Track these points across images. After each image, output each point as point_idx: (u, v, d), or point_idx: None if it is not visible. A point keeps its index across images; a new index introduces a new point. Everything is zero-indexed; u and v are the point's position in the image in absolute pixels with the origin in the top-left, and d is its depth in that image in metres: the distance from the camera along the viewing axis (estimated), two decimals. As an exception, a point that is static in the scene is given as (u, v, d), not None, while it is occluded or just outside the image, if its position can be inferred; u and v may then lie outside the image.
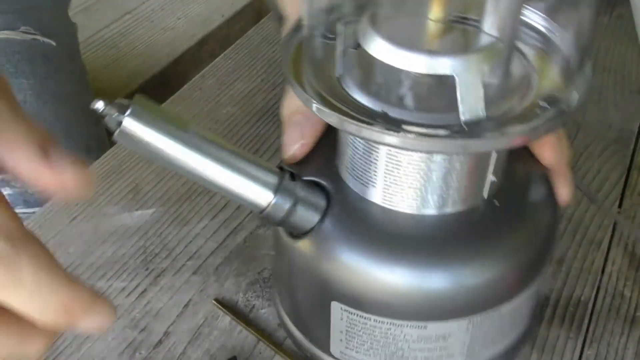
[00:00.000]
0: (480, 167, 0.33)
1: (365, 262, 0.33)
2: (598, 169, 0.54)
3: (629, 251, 0.47)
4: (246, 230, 0.49)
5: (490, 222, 0.34)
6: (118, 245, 0.47)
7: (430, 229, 0.33)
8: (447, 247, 0.33)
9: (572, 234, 0.48)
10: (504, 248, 0.34)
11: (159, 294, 0.44)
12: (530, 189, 0.36)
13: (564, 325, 0.42)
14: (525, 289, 0.35)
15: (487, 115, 0.30)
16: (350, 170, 0.34)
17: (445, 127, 0.29)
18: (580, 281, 0.45)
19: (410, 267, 0.33)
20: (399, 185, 0.33)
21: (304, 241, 0.34)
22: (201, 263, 0.46)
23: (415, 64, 0.30)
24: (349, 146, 0.34)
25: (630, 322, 0.43)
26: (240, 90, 0.62)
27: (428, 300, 0.33)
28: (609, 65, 0.66)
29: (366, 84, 0.32)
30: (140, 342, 0.41)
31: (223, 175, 0.32)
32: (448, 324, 0.34)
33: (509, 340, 0.37)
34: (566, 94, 0.31)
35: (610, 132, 0.57)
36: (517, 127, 0.30)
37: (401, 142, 0.29)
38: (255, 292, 0.44)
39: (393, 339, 0.34)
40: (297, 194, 0.34)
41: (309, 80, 0.33)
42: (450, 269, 0.33)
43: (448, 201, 0.33)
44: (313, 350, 0.38)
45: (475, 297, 0.33)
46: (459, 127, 0.29)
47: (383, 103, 0.31)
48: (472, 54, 0.30)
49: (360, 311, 0.34)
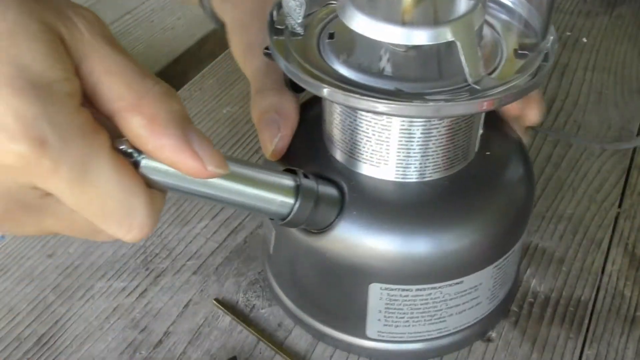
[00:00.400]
0: (477, 122, 0.36)
1: (401, 238, 0.34)
2: (598, 168, 0.54)
3: (629, 251, 0.47)
4: (246, 230, 0.49)
5: (491, 175, 0.37)
6: (118, 245, 0.47)
7: (447, 191, 0.35)
8: (474, 204, 0.36)
9: (572, 233, 0.48)
10: (516, 195, 0.37)
11: (159, 294, 0.44)
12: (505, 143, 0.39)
13: (564, 325, 0.42)
14: (525, 232, 0.39)
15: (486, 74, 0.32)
16: (356, 154, 0.35)
17: (458, 91, 0.31)
18: (580, 281, 0.45)
19: (445, 231, 0.35)
20: (412, 157, 0.34)
21: (329, 235, 0.35)
22: (201, 263, 0.46)
23: (417, 37, 0.31)
24: (347, 130, 0.35)
25: (630, 322, 0.43)
26: (240, 90, 0.62)
27: (465, 257, 0.35)
28: (609, 65, 0.66)
29: (356, 62, 0.33)
30: (141, 342, 0.41)
31: (245, 194, 0.30)
32: (480, 274, 0.37)
33: (512, 280, 0.42)
34: (539, 42, 0.34)
35: (610, 132, 0.57)
36: (519, 78, 0.32)
37: (435, 110, 0.30)
38: (255, 292, 0.44)
39: (433, 302, 0.36)
40: (317, 192, 0.33)
41: (302, 67, 0.33)
42: (479, 224, 0.35)
43: (456, 162, 0.36)
44: (344, 340, 0.39)
45: (498, 244, 0.37)
46: (471, 89, 0.31)
47: (376, 78, 0.32)
48: (466, 18, 0.31)
49: (401, 285, 0.35)
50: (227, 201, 0.30)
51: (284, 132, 0.37)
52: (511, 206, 0.37)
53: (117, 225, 0.25)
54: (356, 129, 0.35)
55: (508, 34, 0.35)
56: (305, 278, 0.39)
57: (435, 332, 0.38)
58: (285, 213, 0.32)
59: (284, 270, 0.41)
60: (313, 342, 0.41)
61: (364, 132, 0.34)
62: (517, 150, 0.39)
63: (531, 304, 0.43)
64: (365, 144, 0.35)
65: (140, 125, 0.24)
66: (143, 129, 0.24)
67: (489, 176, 0.37)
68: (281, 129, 0.37)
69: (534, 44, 0.34)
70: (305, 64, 0.33)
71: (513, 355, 0.41)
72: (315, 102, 0.39)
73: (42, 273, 0.45)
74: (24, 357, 0.41)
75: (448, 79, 0.32)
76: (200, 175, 0.26)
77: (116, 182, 0.24)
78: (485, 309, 0.39)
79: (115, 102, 0.24)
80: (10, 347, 0.41)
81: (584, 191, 0.52)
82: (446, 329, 0.38)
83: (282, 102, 0.38)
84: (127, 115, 0.24)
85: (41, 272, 0.46)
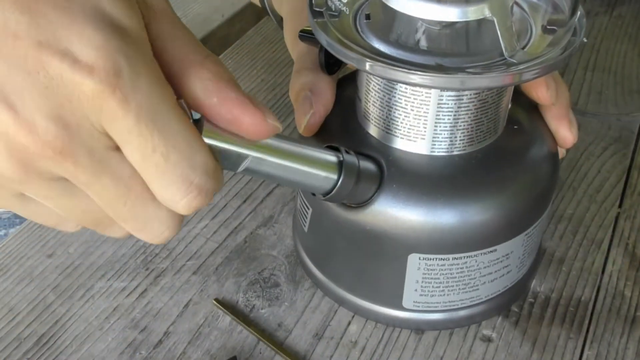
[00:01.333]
0: (508, 96, 0.37)
1: (439, 209, 0.36)
2: (598, 168, 0.54)
3: (629, 251, 0.47)
4: (246, 230, 0.49)
5: (520, 147, 0.39)
6: (118, 245, 0.47)
7: (481, 163, 0.37)
8: (506, 174, 0.37)
9: (572, 234, 0.48)
10: (543, 165, 0.39)
11: (159, 294, 0.44)
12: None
13: (564, 326, 0.42)
14: (551, 200, 0.41)
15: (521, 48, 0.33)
16: (393, 129, 0.37)
17: (495, 65, 0.33)
18: (580, 281, 0.45)
19: (481, 201, 0.36)
20: (448, 130, 0.36)
21: (369, 209, 0.36)
22: (201, 263, 0.46)
23: (456, 14, 0.32)
24: (385, 107, 0.36)
25: (630, 322, 0.43)
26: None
27: (499, 226, 0.37)
28: (609, 65, 0.66)
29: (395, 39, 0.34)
30: (141, 342, 0.41)
31: (291, 169, 0.31)
32: (512, 242, 0.38)
33: (537, 250, 0.44)
34: (567, 18, 0.35)
35: (610, 131, 0.57)
36: (552, 51, 0.33)
37: (490, 81, 0.32)
38: (255, 292, 0.44)
39: (468, 270, 0.38)
40: (358, 167, 0.34)
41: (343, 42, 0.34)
42: (512, 194, 0.37)
43: (488, 135, 0.37)
44: (380, 312, 0.41)
45: (529, 212, 0.39)
46: (507, 62, 0.33)
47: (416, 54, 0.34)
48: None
49: (439, 254, 0.37)
50: (274, 176, 0.31)
51: (317, 109, 0.39)
52: (540, 175, 0.39)
53: (177, 183, 0.25)
54: (394, 105, 0.36)
55: (535, 13, 0.36)
56: (344, 253, 0.40)
57: (468, 301, 0.40)
58: (328, 188, 0.33)
59: (321, 247, 0.43)
60: (313, 342, 0.41)
61: (402, 108, 0.36)
62: (541, 122, 0.41)
63: (531, 304, 0.43)
64: (404, 119, 0.36)
65: (208, 78, 0.25)
66: (210, 81, 0.25)
67: (518, 148, 0.39)
68: (314, 106, 0.39)
69: (563, 19, 0.35)
70: (347, 41, 0.34)
71: (513, 355, 0.41)
72: (347, 83, 0.41)
73: (42, 273, 0.45)
74: (23, 357, 0.41)
75: (482, 54, 0.34)
76: (261, 129, 0.26)
77: (182, 133, 0.25)
78: (514, 277, 0.41)
79: (182, 60, 0.25)
80: (10, 347, 0.41)
81: (584, 191, 0.52)
82: (478, 297, 0.40)
83: (316, 81, 0.40)
84: (195, 70, 0.25)
85: (41, 272, 0.46)
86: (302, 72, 0.41)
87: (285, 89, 0.62)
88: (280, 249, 0.47)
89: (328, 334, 0.42)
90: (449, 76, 0.31)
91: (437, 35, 0.34)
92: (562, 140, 0.40)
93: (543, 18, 0.36)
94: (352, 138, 0.38)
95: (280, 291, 0.44)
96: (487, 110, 0.36)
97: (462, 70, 0.32)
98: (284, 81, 0.63)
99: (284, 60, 0.66)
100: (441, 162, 0.37)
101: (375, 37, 0.35)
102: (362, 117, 0.39)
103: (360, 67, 0.33)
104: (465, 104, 0.35)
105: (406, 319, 0.41)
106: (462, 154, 0.37)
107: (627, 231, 0.49)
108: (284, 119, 0.58)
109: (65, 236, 0.48)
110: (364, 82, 0.37)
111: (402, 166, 0.37)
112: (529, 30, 0.35)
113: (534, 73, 0.32)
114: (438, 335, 0.42)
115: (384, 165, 0.36)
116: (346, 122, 0.40)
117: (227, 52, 0.68)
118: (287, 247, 0.47)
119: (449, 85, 0.32)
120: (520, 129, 0.39)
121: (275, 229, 0.49)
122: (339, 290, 0.42)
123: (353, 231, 0.38)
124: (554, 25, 0.34)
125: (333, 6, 0.36)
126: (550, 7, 0.37)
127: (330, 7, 0.36)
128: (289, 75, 0.58)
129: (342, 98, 0.41)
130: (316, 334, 0.42)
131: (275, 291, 0.44)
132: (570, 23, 0.34)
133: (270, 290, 0.44)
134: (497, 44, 0.33)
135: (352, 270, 0.41)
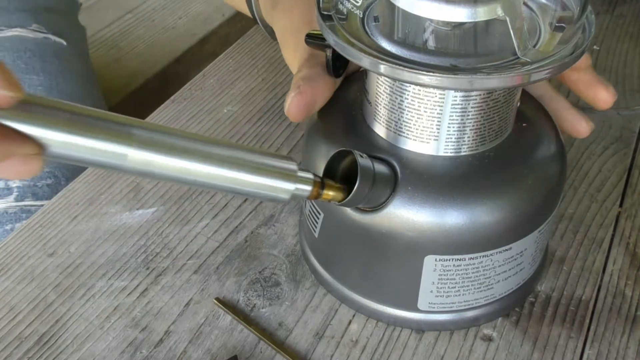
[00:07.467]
0: (518, 95, 0.38)
1: (455, 210, 0.36)
2: (599, 168, 0.54)
3: (630, 250, 0.47)
4: (247, 229, 0.49)
5: (530, 144, 0.39)
6: (119, 245, 0.47)
7: (494, 162, 0.37)
8: (520, 172, 0.37)
9: (573, 233, 0.48)
10: (553, 161, 0.39)
11: (160, 293, 0.44)
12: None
13: (565, 325, 0.42)
14: (561, 196, 0.41)
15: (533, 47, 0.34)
16: (405, 131, 0.37)
17: (510, 64, 0.33)
18: (581, 280, 0.45)
19: (497, 199, 0.36)
20: (461, 131, 0.36)
21: (384, 212, 0.36)
22: (202, 262, 0.46)
23: (469, 14, 0.32)
24: (396, 109, 0.36)
25: (631, 321, 0.43)
26: (241, 89, 0.62)
27: (514, 223, 0.37)
28: (609, 65, 0.66)
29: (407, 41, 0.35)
30: (141, 341, 0.41)
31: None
32: (526, 239, 0.39)
33: (546, 246, 0.45)
34: (576, 15, 0.35)
35: (611, 131, 0.57)
36: (564, 48, 0.33)
37: (508, 80, 0.32)
38: (256, 292, 0.44)
39: (483, 270, 0.38)
40: (373, 170, 0.34)
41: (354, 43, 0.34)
42: (526, 191, 0.37)
43: (499, 134, 0.37)
44: (395, 314, 0.41)
45: (542, 209, 0.39)
46: (521, 61, 0.33)
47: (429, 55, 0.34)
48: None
49: (455, 255, 0.37)
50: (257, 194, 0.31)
51: (304, 89, 0.38)
52: (551, 171, 0.39)
53: None
54: (407, 107, 0.36)
55: (543, 11, 0.36)
56: (358, 257, 0.40)
57: (482, 300, 0.40)
58: (287, 198, 0.33)
59: (333, 253, 0.42)
60: (314, 341, 0.41)
61: (415, 109, 0.36)
62: (548, 119, 0.41)
63: (532, 304, 0.43)
64: (417, 121, 0.36)
65: None
66: None
67: (528, 145, 0.39)
68: (302, 88, 0.38)
69: (571, 17, 0.35)
70: (359, 44, 0.34)
71: (514, 355, 0.41)
72: (351, 86, 0.41)
73: (43, 272, 0.46)
74: (24, 357, 0.41)
75: (494, 54, 0.34)
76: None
77: None
78: (526, 274, 0.42)
79: None
80: (11, 347, 0.41)
81: (585, 190, 0.52)
82: (492, 296, 0.40)
83: (311, 73, 0.40)
84: None
85: (42, 271, 0.46)
86: (300, 69, 0.41)
87: (286, 88, 0.62)
88: (281, 248, 0.47)
89: (329, 333, 0.42)
90: (470, 77, 0.31)
91: (448, 36, 0.34)
92: (603, 102, 0.41)
93: (551, 16, 0.36)
94: (362, 141, 0.38)
95: (281, 290, 0.44)
96: (499, 109, 0.36)
97: (478, 71, 0.32)
98: (285, 80, 0.63)
99: (284, 60, 0.66)
100: (453, 162, 0.37)
101: (386, 39, 0.35)
102: (372, 119, 0.38)
103: (375, 69, 0.33)
104: (478, 103, 0.35)
105: (421, 321, 0.41)
106: (475, 153, 0.37)
107: (627, 230, 0.48)
108: (284, 119, 0.58)
109: (66, 235, 0.48)
110: (374, 84, 0.37)
111: (415, 168, 0.37)
112: (538, 29, 0.35)
113: (548, 71, 0.32)
114: (439, 334, 0.42)
115: (397, 167, 0.36)
116: (354, 125, 0.39)
117: (227, 51, 0.68)
118: (287, 247, 0.47)
119: (472, 87, 0.32)
120: (528, 125, 0.40)
121: (276, 228, 0.49)
122: (355, 297, 0.42)
123: (368, 235, 0.38)
124: (562, 22, 0.34)
125: (344, 9, 0.36)
126: (559, 5, 0.37)
127: (339, 9, 0.36)
128: (290, 75, 0.58)
129: (347, 101, 0.40)
130: (317, 333, 0.42)
131: (276, 290, 0.44)
132: (580, 20, 0.34)
133: (271, 289, 0.44)
134: (507, 44, 0.33)
135: (367, 274, 0.40)
